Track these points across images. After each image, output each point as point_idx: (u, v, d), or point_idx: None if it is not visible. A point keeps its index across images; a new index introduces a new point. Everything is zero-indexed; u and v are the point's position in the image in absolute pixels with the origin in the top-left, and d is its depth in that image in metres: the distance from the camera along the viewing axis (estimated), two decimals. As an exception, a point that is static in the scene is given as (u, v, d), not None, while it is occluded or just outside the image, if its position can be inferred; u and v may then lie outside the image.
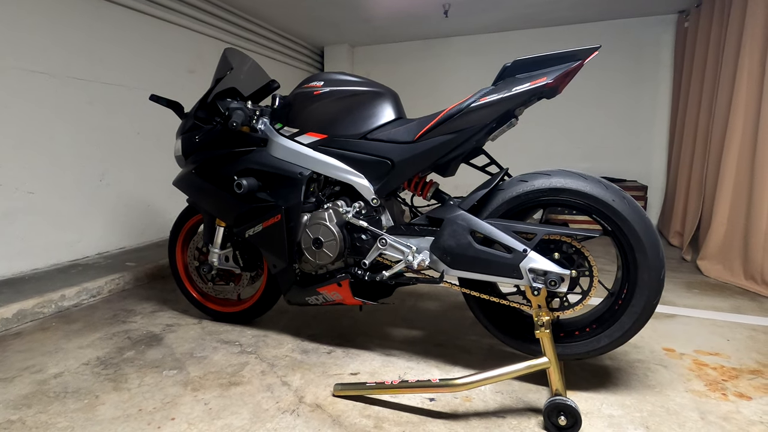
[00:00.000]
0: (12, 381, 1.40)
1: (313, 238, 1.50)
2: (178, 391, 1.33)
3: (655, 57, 4.02)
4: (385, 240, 1.42)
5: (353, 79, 1.54)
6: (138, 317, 1.93)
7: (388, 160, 1.43)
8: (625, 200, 1.23)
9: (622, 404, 1.26)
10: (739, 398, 1.29)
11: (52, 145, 2.44)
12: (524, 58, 1.26)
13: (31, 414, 1.22)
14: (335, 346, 1.64)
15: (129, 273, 2.36)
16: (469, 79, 4.69)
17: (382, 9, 3.71)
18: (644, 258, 1.22)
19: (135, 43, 2.91)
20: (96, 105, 2.68)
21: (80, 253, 2.62)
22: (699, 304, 2.07)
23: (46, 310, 1.95)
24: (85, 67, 2.60)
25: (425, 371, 1.45)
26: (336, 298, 1.53)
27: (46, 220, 2.43)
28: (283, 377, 1.42)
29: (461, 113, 1.31)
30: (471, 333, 1.75)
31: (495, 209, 1.34)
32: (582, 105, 4.29)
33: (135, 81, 2.93)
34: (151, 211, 3.13)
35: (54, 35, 2.42)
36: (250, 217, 1.60)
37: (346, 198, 1.55)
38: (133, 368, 1.48)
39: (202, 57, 3.48)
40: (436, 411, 1.23)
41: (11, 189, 2.26)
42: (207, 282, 1.85)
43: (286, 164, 1.55)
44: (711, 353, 1.58)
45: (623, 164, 4.22)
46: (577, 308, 1.28)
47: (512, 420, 1.19)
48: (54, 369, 1.47)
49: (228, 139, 1.65)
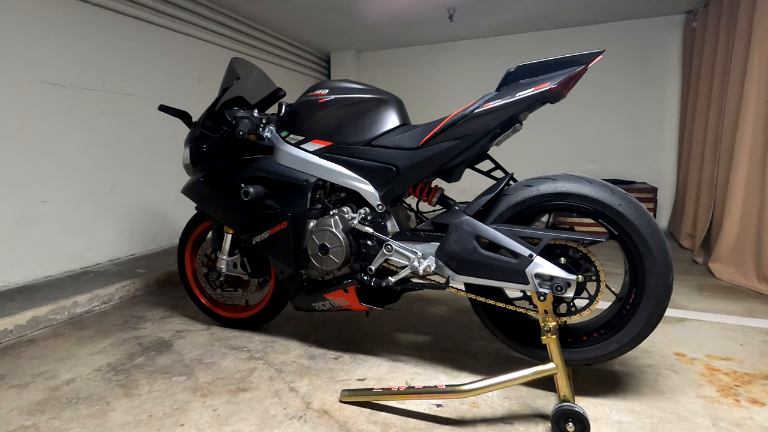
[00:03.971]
0: (26, 387, 1.42)
1: (320, 244, 1.51)
2: (187, 397, 1.35)
3: (663, 58, 3.99)
4: (390, 246, 1.43)
5: (358, 87, 1.56)
6: (148, 323, 1.96)
7: (393, 167, 1.44)
8: (632, 204, 1.22)
9: (631, 410, 1.24)
10: (752, 404, 1.27)
11: (64, 154, 2.49)
12: (527, 63, 1.27)
13: (44, 420, 1.24)
14: (342, 352, 1.64)
15: (139, 280, 2.40)
16: (473, 84, 4.69)
17: (388, 14, 3.74)
18: (652, 262, 1.21)
19: (144, 53, 2.97)
20: (107, 115, 2.73)
21: (92, 260, 2.67)
22: (711, 308, 2.04)
23: (58, 317, 1.99)
24: (96, 77, 2.65)
25: (432, 377, 1.45)
26: (343, 303, 1.54)
27: (59, 228, 2.48)
28: (290, 383, 1.42)
29: (465, 119, 1.31)
30: (478, 338, 1.75)
31: (500, 214, 1.34)
32: (589, 107, 4.26)
33: (144, 90, 2.98)
34: (160, 219, 3.17)
35: (65, 47, 2.47)
36: (258, 224, 1.62)
37: (351, 204, 1.56)
38: (143, 374, 1.50)
39: (210, 65, 3.53)
40: (444, 417, 1.23)
41: (25, 198, 2.31)
42: (215, 288, 1.87)
43: (293, 171, 1.57)
44: (723, 358, 1.55)
45: (632, 166, 4.18)
46: (584, 313, 1.27)
47: (520, 426, 1.18)
48: (66, 375, 1.50)
49: (235, 148, 1.67)
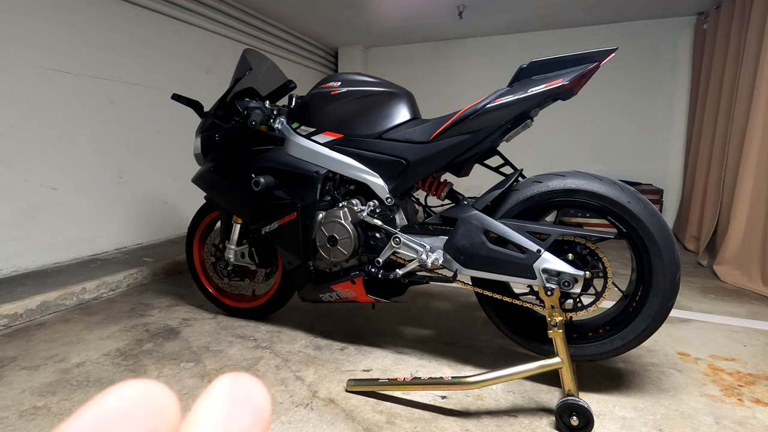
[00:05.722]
0: (37, 369, 1.45)
1: (328, 235, 1.52)
2: (195, 383, 1.37)
3: (673, 59, 3.97)
4: (399, 238, 1.44)
5: (370, 80, 1.56)
6: (155, 311, 1.98)
7: (403, 160, 1.45)
8: (641, 202, 1.23)
9: (635, 407, 1.25)
10: (755, 404, 1.28)
11: (75, 142, 2.51)
12: (540, 59, 1.27)
13: (55, 401, 1.26)
14: (348, 343, 1.66)
15: (147, 268, 2.42)
16: (482, 81, 4.67)
17: (397, 10, 3.73)
18: (659, 260, 1.21)
19: (155, 43, 2.98)
20: (117, 104, 2.74)
21: (99, 248, 2.69)
22: (715, 309, 2.05)
23: (68, 302, 2.01)
24: (107, 66, 2.67)
25: (437, 369, 1.47)
26: (349, 295, 1.55)
27: (68, 216, 2.50)
28: (296, 372, 1.44)
29: (477, 114, 1.32)
30: (482, 333, 1.76)
31: (509, 210, 1.34)
32: (597, 107, 4.24)
33: (154, 80, 2.99)
34: (167, 209, 3.19)
35: (77, 36, 2.49)
36: (267, 214, 1.63)
37: (360, 197, 1.57)
38: (151, 360, 1.52)
39: (219, 57, 3.54)
40: (448, 408, 1.24)
41: (35, 185, 2.33)
42: (223, 278, 1.89)
43: (303, 163, 1.58)
44: (727, 358, 1.56)
45: (639, 167, 4.16)
46: (590, 309, 1.28)
47: (524, 419, 1.20)
48: (76, 359, 1.52)
49: (246, 138, 1.69)
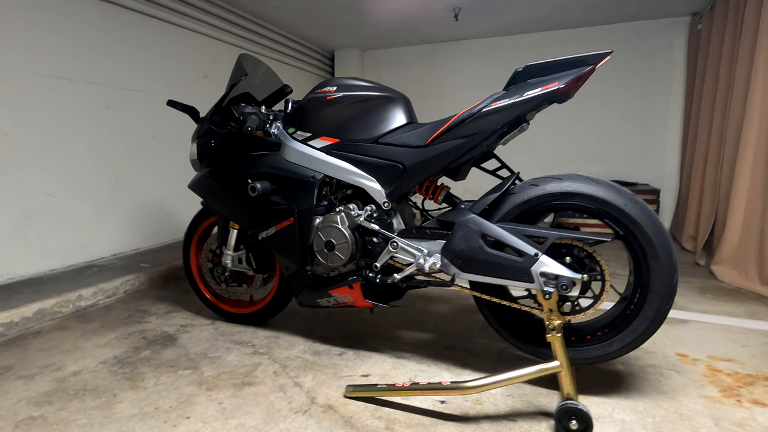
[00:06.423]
0: (33, 378, 1.44)
1: (326, 240, 1.52)
2: (192, 391, 1.36)
3: (668, 59, 3.98)
4: (396, 243, 1.44)
5: (366, 84, 1.56)
6: (153, 317, 1.97)
7: (400, 164, 1.45)
8: (638, 204, 1.23)
9: (634, 409, 1.25)
10: (754, 405, 1.28)
11: (70, 148, 2.50)
12: (536, 63, 1.27)
13: (52, 411, 1.25)
14: (346, 348, 1.65)
15: (143, 274, 2.41)
16: (478, 83, 4.68)
17: (393, 13, 3.74)
18: (657, 262, 1.21)
19: (151, 48, 2.97)
20: (113, 110, 2.74)
21: (96, 255, 2.68)
22: (713, 310, 2.05)
23: (64, 310, 2.00)
24: (103, 72, 2.66)
25: (436, 374, 1.46)
26: (347, 300, 1.54)
27: (64, 222, 2.49)
28: (295, 378, 1.44)
29: (473, 118, 1.32)
30: (481, 337, 1.76)
31: (506, 213, 1.34)
32: (594, 108, 4.26)
33: (151, 86, 2.99)
34: (164, 214, 3.18)
35: (72, 41, 2.48)
36: (264, 219, 1.63)
37: (358, 201, 1.57)
38: (149, 367, 1.51)
39: (216, 62, 3.54)
40: (447, 413, 1.24)
41: (31, 192, 2.32)
42: (220, 283, 1.88)
43: (299, 168, 1.57)
44: (725, 359, 1.56)
45: (635, 167, 4.18)
46: (588, 312, 1.28)
47: (523, 423, 1.19)
48: (73, 367, 1.51)
49: (242, 143, 1.68)
